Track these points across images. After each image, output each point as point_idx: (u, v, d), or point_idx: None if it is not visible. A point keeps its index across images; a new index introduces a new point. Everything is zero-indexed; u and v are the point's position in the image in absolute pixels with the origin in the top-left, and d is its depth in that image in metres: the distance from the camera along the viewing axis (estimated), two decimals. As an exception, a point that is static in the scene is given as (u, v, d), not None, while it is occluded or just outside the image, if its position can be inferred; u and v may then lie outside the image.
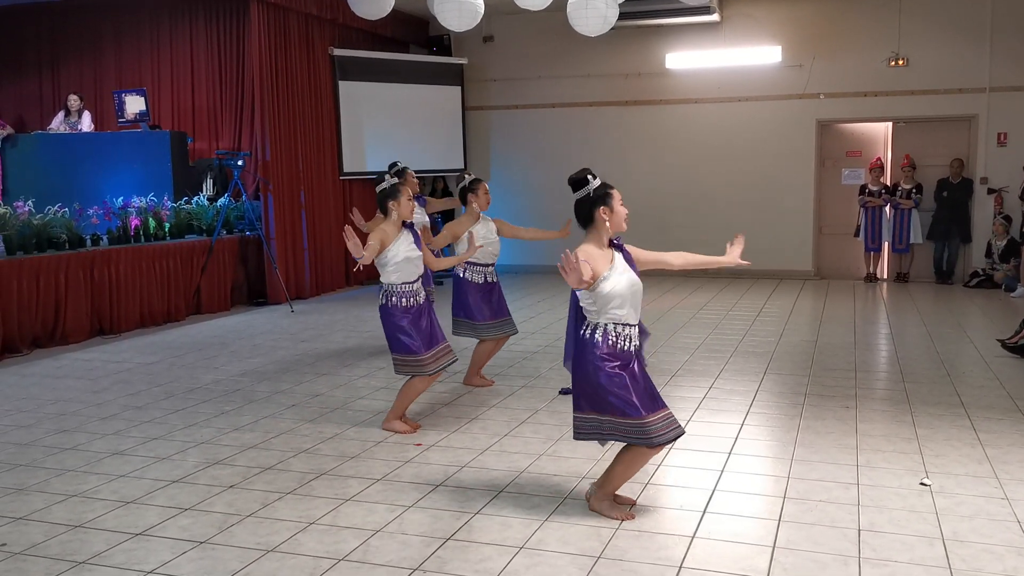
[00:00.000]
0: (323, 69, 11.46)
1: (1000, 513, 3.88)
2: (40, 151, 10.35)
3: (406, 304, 5.06)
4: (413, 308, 5.09)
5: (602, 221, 3.79)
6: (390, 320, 5.08)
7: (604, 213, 3.78)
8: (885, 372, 6.76)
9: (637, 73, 12.60)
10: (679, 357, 7.18)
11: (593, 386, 3.76)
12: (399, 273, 5.02)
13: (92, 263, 8.28)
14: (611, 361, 3.73)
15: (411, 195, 5.10)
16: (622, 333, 3.76)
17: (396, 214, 5.02)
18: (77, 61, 11.67)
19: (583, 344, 3.80)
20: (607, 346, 3.74)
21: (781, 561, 3.43)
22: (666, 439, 3.77)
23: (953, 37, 11.37)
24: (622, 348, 3.76)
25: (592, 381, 3.76)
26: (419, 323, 5.10)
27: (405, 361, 5.10)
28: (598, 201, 3.79)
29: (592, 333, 3.77)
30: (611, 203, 3.79)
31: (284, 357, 7.42)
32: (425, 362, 5.08)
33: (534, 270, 12.96)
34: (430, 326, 5.17)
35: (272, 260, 10.20)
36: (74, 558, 3.54)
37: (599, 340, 3.75)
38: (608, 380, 3.72)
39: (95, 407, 5.85)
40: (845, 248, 12.28)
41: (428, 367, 5.09)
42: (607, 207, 3.78)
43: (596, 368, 3.74)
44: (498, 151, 13.34)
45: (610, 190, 3.82)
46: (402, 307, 5.06)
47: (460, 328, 6.21)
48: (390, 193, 5.02)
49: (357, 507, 4.04)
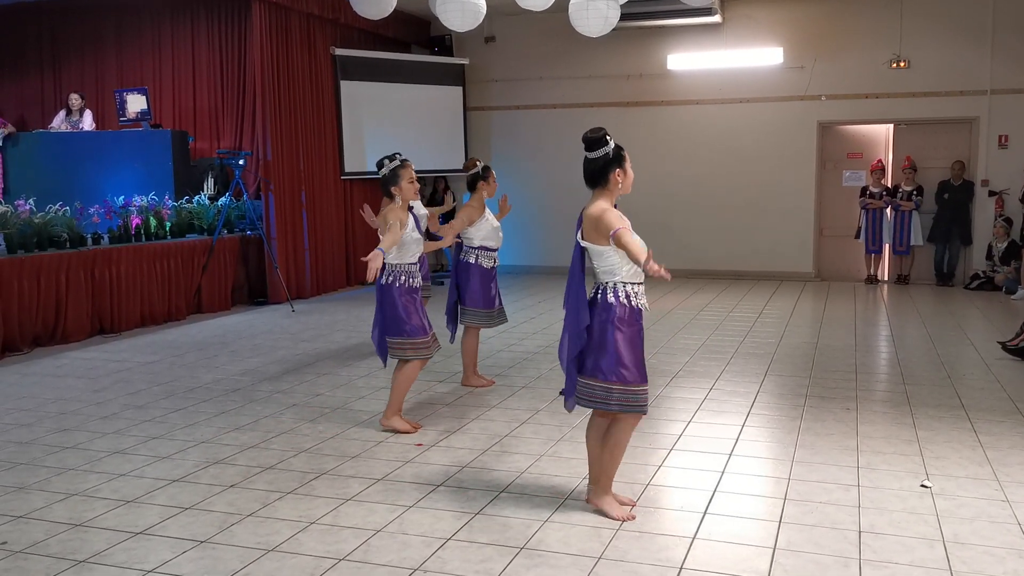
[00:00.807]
0: (324, 69, 11.46)
1: (1001, 515, 3.88)
2: (41, 150, 10.36)
3: (407, 284, 5.08)
4: (412, 290, 5.11)
5: (615, 183, 3.79)
6: (391, 299, 5.05)
7: (619, 175, 3.78)
8: (886, 374, 6.76)
9: (638, 74, 12.60)
10: (680, 358, 7.18)
11: (611, 352, 3.73)
12: (400, 252, 5.04)
13: (93, 262, 8.28)
14: (631, 325, 3.74)
15: (412, 177, 5.10)
16: (634, 291, 3.77)
17: (400, 198, 5.06)
18: (79, 60, 11.68)
19: (599, 309, 3.77)
20: (627, 307, 3.73)
21: (782, 563, 3.43)
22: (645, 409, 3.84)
23: (954, 39, 11.37)
24: (636, 305, 3.77)
25: (610, 346, 3.73)
26: (416, 305, 5.12)
27: (405, 344, 5.08)
28: (614, 163, 3.78)
29: (609, 294, 3.75)
30: (625, 166, 3.79)
31: (285, 357, 7.42)
32: (427, 344, 5.11)
33: (535, 271, 12.97)
34: (423, 312, 5.20)
35: (273, 260, 10.20)
36: (75, 557, 3.54)
37: (619, 299, 3.73)
38: (624, 346, 3.72)
39: (95, 406, 5.85)
40: (846, 250, 12.28)
41: (430, 349, 5.13)
42: (622, 169, 3.78)
43: (615, 332, 3.72)
44: (499, 151, 13.34)
45: (624, 152, 3.82)
46: (405, 287, 5.07)
47: (469, 318, 6.12)
48: (390, 179, 5.06)
49: (358, 507, 4.04)
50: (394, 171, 5.06)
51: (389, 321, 5.10)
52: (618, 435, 3.86)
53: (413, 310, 5.09)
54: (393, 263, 5.06)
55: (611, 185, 3.79)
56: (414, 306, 5.10)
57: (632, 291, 3.77)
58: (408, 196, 5.08)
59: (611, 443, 3.87)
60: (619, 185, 3.79)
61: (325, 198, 11.48)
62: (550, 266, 12.79)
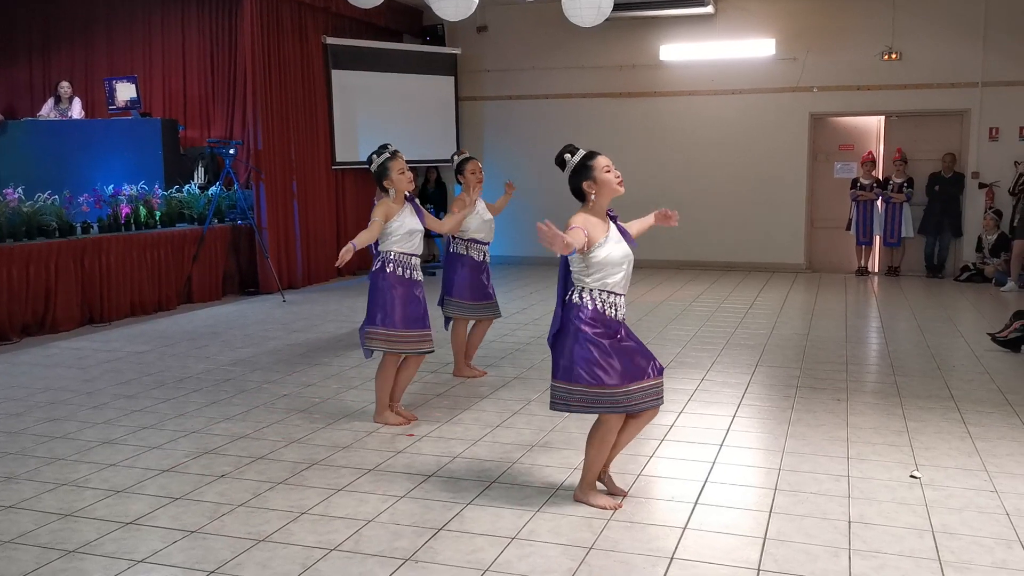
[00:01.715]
0: (316, 58, 11.41)
1: (989, 505, 3.90)
2: (30, 138, 10.29)
3: (401, 274, 4.97)
4: (407, 281, 4.99)
5: (588, 194, 3.80)
6: (376, 286, 4.97)
7: (589, 187, 3.79)
8: (876, 365, 6.79)
9: (631, 65, 12.58)
10: (671, 349, 7.19)
11: (568, 353, 3.74)
12: (400, 244, 4.98)
13: (82, 251, 8.24)
14: (594, 327, 3.72)
15: (402, 168, 4.99)
16: (608, 300, 3.76)
17: (393, 190, 4.99)
18: (68, 47, 11.59)
19: (567, 308, 3.79)
20: (593, 310, 3.73)
21: (772, 552, 3.44)
22: (640, 408, 3.81)
23: (946, 32, 11.39)
24: (610, 315, 3.75)
25: (569, 347, 3.74)
26: (407, 297, 4.97)
27: (376, 335, 4.97)
28: (579, 176, 3.80)
29: (579, 296, 3.77)
30: (592, 175, 3.78)
31: (276, 347, 7.40)
32: (403, 339, 4.95)
33: (527, 262, 12.96)
34: (418, 307, 5.02)
35: (264, 249, 10.17)
36: (64, 547, 3.52)
37: (585, 302, 3.74)
38: (584, 348, 3.70)
39: (85, 396, 5.83)
40: (837, 241, 12.31)
41: (405, 344, 4.97)
42: (589, 180, 3.79)
43: (576, 332, 3.72)
44: (491, 141, 13.31)
45: (590, 162, 3.80)
46: (397, 276, 4.96)
47: (450, 308, 6.13)
48: (380, 174, 4.98)
49: (349, 497, 4.04)
50: (383, 165, 4.97)
51: (368, 307, 5.02)
52: (594, 432, 3.86)
53: (399, 302, 4.95)
54: (387, 250, 5.00)
55: (587, 198, 3.81)
56: (403, 299, 4.97)
57: (603, 297, 3.75)
58: (402, 187, 5.00)
59: (589, 440, 3.89)
60: (592, 195, 3.78)
61: (316, 188, 11.44)
62: (542, 257, 12.75)
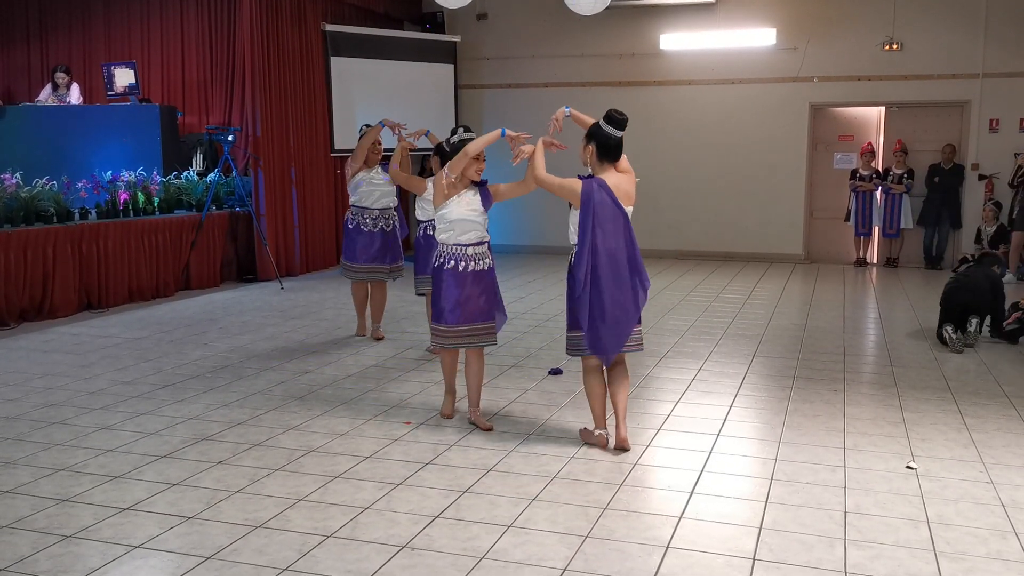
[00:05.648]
0: (315, 45, 11.36)
1: (985, 497, 3.91)
2: (28, 124, 10.24)
3: (454, 266, 4.77)
4: (462, 273, 4.77)
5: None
6: (436, 280, 4.86)
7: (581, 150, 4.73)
8: (873, 356, 6.80)
9: (631, 54, 12.54)
10: (669, 339, 7.19)
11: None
12: (450, 232, 4.79)
13: (80, 237, 8.22)
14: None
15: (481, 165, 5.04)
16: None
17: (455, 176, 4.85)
18: (66, 33, 11.54)
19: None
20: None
21: (768, 542, 3.45)
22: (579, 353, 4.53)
23: (947, 22, 11.35)
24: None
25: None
26: (460, 290, 4.77)
27: (432, 329, 4.99)
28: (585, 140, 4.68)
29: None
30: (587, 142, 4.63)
31: (274, 334, 7.40)
32: (446, 333, 4.82)
33: (525, 251, 12.95)
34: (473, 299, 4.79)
35: (262, 236, 10.15)
36: (61, 532, 3.53)
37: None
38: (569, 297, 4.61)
39: (83, 381, 5.83)
40: (835, 232, 12.31)
41: (446, 339, 4.84)
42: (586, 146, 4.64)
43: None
44: (490, 129, 13.19)
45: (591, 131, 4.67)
46: (449, 269, 4.78)
47: (424, 286, 6.22)
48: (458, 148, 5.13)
49: (346, 484, 4.05)
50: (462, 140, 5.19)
51: (431, 303, 4.96)
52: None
53: (449, 293, 4.75)
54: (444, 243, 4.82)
55: None
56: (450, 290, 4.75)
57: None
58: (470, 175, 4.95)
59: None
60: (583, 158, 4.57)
61: (315, 175, 11.41)
62: (541, 245, 12.78)
